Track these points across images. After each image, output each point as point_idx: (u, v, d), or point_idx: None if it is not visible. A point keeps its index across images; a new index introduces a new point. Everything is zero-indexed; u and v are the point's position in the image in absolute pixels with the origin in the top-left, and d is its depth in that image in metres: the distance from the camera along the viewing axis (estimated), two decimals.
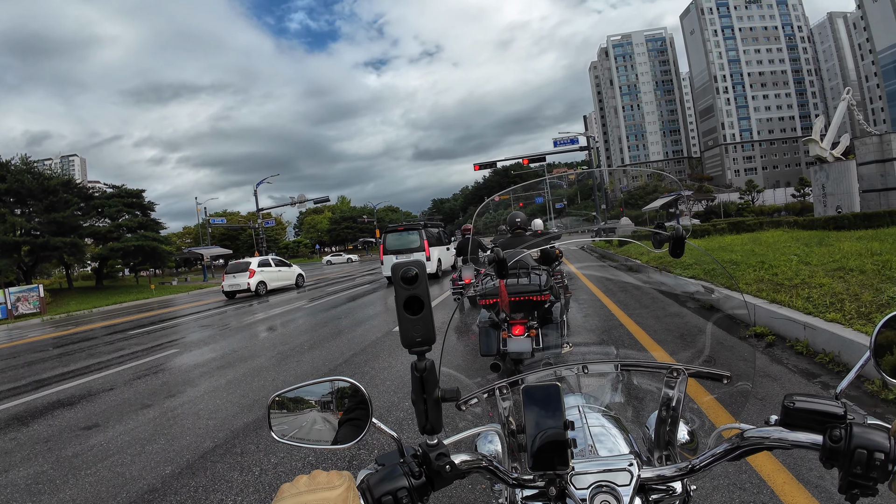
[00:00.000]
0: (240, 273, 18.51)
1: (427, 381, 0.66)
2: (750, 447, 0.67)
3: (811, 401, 0.63)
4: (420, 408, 0.67)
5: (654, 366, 0.98)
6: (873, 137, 21.97)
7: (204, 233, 50.59)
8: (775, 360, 4.24)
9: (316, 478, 0.59)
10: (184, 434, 3.93)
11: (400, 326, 0.66)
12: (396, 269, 0.66)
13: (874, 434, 0.59)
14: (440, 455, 0.66)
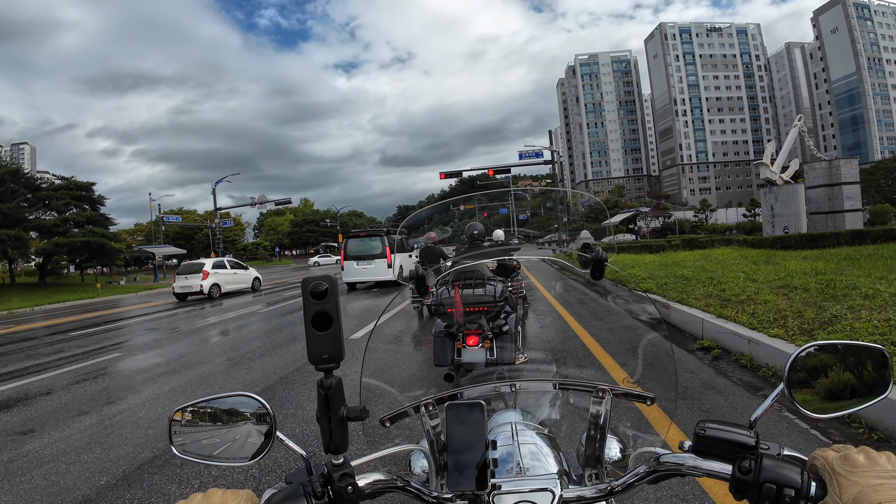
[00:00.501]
0: (192, 274, 17.78)
1: (332, 398, 0.65)
2: (665, 472, 0.67)
3: (723, 429, 0.62)
4: (324, 426, 0.65)
5: (580, 385, 0.98)
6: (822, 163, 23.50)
7: (157, 231, 48.46)
8: (720, 373, 4.37)
9: (211, 497, 0.57)
10: (121, 443, 3.78)
11: (307, 342, 0.64)
12: (306, 284, 0.64)
13: (786, 468, 0.57)
14: (343, 475, 0.64)
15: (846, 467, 0.54)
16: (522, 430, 0.98)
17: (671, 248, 20.52)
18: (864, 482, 0.51)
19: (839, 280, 6.55)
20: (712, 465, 0.62)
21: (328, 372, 0.65)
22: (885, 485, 0.50)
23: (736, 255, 13.20)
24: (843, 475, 0.53)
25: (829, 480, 0.54)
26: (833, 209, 22.29)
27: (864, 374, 0.65)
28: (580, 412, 0.98)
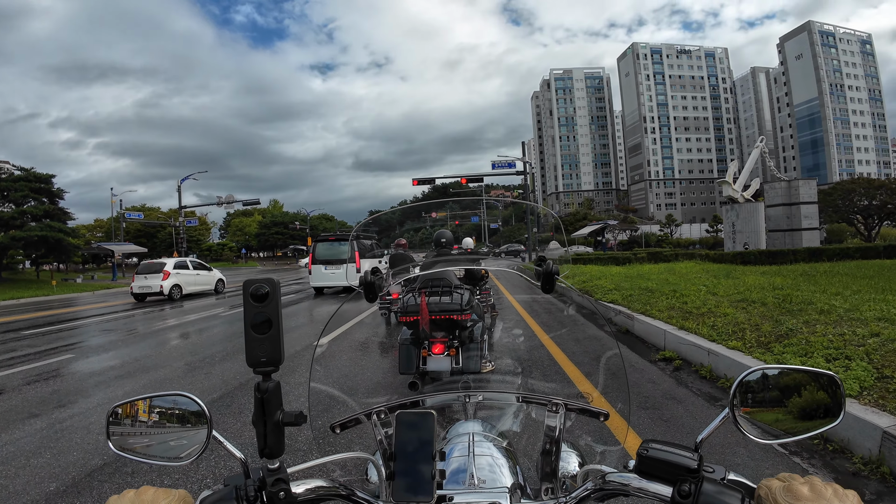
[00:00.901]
0: (152, 274, 17.10)
1: (269, 402, 0.64)
2: (610, 491, 0.67)
3: (665, 450, 0.61)
4: (260, 430, 0.64)
5: (536, 399, 0.98)
6: (782, 183, 24.64)
7: (117, 227, 46.42)
8: (681, 384, 4.47)
9: (143, 494, 0.57)
10: (72, 449, 3.62)
11: (246, 344, 0.64)
12: (247, 286, 0.64)
13: (726, 495, 0.56)
14: (277, 480, 0.63)
15: (789, 499, 0.52)
16: (480, 441, 0.97)
17: (637, 261, 21.03)
18: None
19: (796, 295, 6.80)
20: (655, 486, 0.61)
21: (266, 375, 0.65)
22: None
23: (698, 269, 13.61)
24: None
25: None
26: (791, 227, 23.35)
27: (816, 399, 0.64)
28: (540, 425, 0.97)
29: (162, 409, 0.70)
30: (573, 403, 0.90)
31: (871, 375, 3.33)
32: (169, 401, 0.70)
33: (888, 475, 2.51)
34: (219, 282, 19.93)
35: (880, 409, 2.89)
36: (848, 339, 4.27)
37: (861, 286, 7.84)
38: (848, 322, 4.93)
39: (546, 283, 1.14)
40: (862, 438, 2.78)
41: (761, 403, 0.64)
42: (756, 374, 0.65)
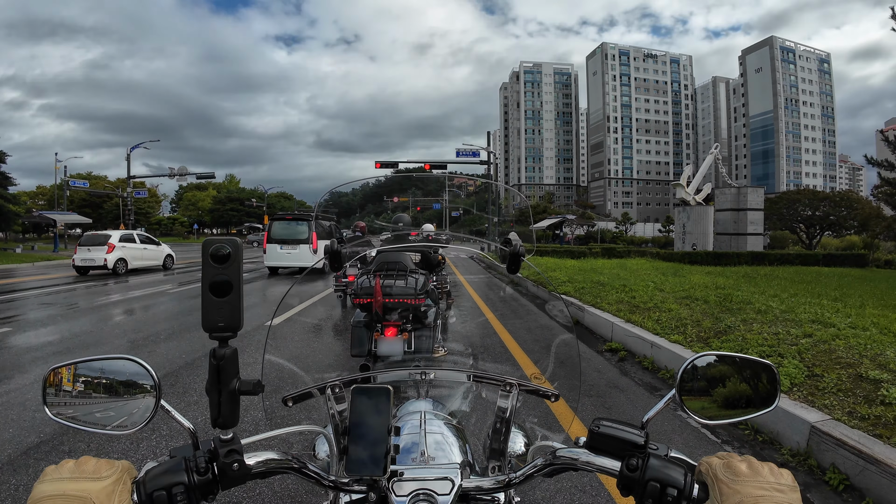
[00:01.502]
0: (96, 247, 16.14)
1: (224, 370, 0.61)
2: (561, 465, 0.69)
3: (615, 427, 0.65)
4: (214, 399, 0.61)
5: (489, 378, 0.99)
6: (732, 189, 25.83)
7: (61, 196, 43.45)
8: (624, 374, 4.67)
9: (83, 465, 0.55)
10: (7, 426, 3.46)
11: (203, 308, 0.60)
12: (207, 246, 0.61)
13: (671, 469, 0.60)
14: (230, 452, 0.61)
15: (729, 475, 0.55)
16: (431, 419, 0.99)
17: (591, 256, 21.70)
18: (745, 492, 0.52)
19: (736, 295, 7.21)
20: (604, 461, 0.64)
21: (223, 341, 0.62)
22: (765, 497, 0.51)
23: (649, 267, 14.17)
24: (725, 483, 0.54)
25: (711, 486, 0.56)
26: (738, 231, 24.58)
27: (754, 387, 0.68)
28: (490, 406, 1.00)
29: (106, 373, 0.66)
30: (526, 384, 0.93)
31: (802, 373, 3.55)
32: (114, 365, 0.66)
33: (815, 468, 2.68)
34: (167, 257, 19.09)
35: (809, 404, 3.07)
36: (782, 338, 4.53)
37: (798, 290, 8.39)
38: (783, 322, 5.24)
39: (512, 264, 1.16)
40: (791, 432, 2.96)
41: (704, 388, 0.68)
42: (701, 360, 0.69)
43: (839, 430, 2.68)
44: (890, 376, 3.30)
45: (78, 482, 0.53)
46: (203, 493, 0.59)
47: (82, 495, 0.52)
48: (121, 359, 0.65)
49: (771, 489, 0.52)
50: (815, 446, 2.75)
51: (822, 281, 10.69)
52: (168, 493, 0.56)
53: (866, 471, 2.38)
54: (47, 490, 0.52)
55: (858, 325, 4.88)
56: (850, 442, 2.53)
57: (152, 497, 0.56)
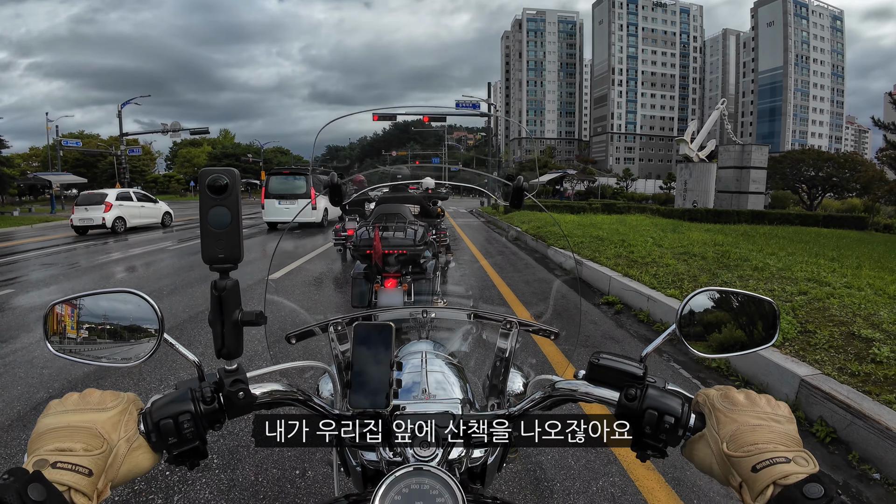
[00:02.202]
0: (93, 206, 16.01)
1: (227, 301, 0.61)
2: (559, 397, 0.70)
3: (615, 360, 0.65)
4: (217, 330, 0.61)
5: (490, 317, 1.00)
6: (736, 146, 25.44)
7: (54, 156, 42.74)
8: (620, 326, 4.77)
9: (87, 396, 0.55)
10: (15, 383, 3.52)
11: (202, 240, 0.59)
12: (204, 176, 0.59)
13: (668, 398, 0.60)
14: (235, 381, 0.61)
15: (726, 404, 0.56)
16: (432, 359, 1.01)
17: (591, 211, 21.63)
18: (742, 420, 0.53)
19: (734, 252, 7.24)
20: (602, 391, 0.65)
21: (223, 273, 0.61)
22: (762, 426, 0.52)
23: (648, 223, 14.16)
24: (722, 412, 0.55)
25: (708, 415, 0.57)
26: (739, 190, 24.39)
27: (754, 323, 0.69)
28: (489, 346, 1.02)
29: (107, 307, 0.65)
30: (526, 322, 0.93)
31: (794, 329, 3.61)
32: (115, 298, 0.65)
33: (803, 420, 2.76)
34: (165, 215, 19.01)
35: (800, 359, 3.14)
36: (777, 295, 4.59)
37: (796, 249, 8.42)
38: (779, 280, 5.29)
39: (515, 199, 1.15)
40: (780, 384, 3.04)
41: (705, 323, 0.69)
42: (703, 295, 0.69)
43: (828, 384, 2.74)
44: (882, 335, 3.34)
45: (83, 413, 0.53)
46: (210, 422, 0.60)
47: (87, 426, 0.51)
48: (122, 292, 0.64)
49: (768, 419, 0.53)
50: (804, 399, 2.82)
51: (820, 241, 10.71)
52: (175, 422, 0.57)
53: (853, 425, 2.43)
54: (51, 423, 0.51)
55: (854, 286, 4.92)
56: (838, 396, 2.58)
57: (159, 426, 0.56)
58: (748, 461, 0.50)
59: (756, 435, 0.51)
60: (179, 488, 2.21)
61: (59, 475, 0.46)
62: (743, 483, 0.50)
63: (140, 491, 2.18)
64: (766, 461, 0.49)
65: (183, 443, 0.57)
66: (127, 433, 0.54)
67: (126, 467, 0.53)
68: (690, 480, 2.24)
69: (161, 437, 0.56)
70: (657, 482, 2.24)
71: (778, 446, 0.50)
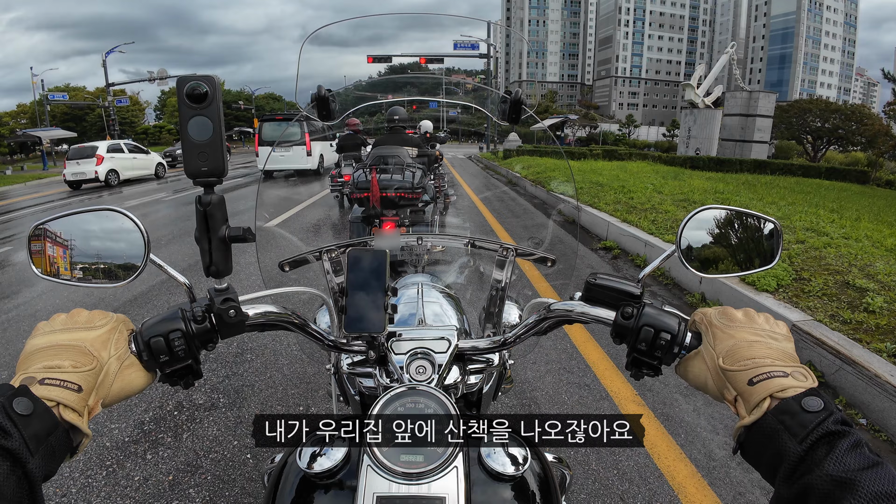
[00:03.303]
0: (85, 159, 15.65)
1: (212, 216, 0.58)
2: (555, 318, 0.68)
3: (611, 278, 0.63)
4: (204, 247, 0.59)
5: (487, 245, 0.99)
6: (743, 93, 24.67)
7: (42, 112, 41.45)
8: (617, 270, 4.82)
9: (75, 316, 0.53)
10: (19, 337, 3.56)
11: (183, 152, 0.56)
12: (182, 83, 0.55)
13: (664, 316, 0.59)
14: (226, 300, 0.60)
15: (723, 321, 0.54)
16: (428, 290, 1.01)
17: (592, 157, 21.30)
18: (739, 336, 0.52)
19: (734, 200, 7.21)
20: (598, 311, 0.64)
21: (208, 187, 0.58)
22: (759, 342, 0.51)
23: (649, 170, 13.98)
24: (719, 328, 0.54)
25: (705, 332, 0.55)
26: (744, 138, 23.86)
27: (757, 243, 0.66)
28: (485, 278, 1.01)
29: (91, 227, 0.63)
30: (523, 250, 0.92)
31: (789, 276, 3.63)
32: (99, 217, 0.63)
33: None
34: (159, 166, 18.72)
35: (793, 305, 3.18)
36: None
37: (796, 199, 8.36)
38: None
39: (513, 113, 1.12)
40: None
41: (706, 242, 0.66)
42: (706, 213, 0.66)
43: (819, 330, 2.77)
44: (876, 286, 3.36)
45: (71, 332, 0.51)
46: (202, 342, 0.59)
47: (76, 344, 0.50)
48: (105, 209, 0.62)
49: (766, 336, 0.52)
50: (795, 344, 2.88)
51: (821, 193, 10.64)
52: (166, 340, 0.56)
53: (842, 370, 2.48)
54: (39, 343, 0.50)
55: (851, 237, 4.89)
56: (829, 342, 2.62)
57: (150, 345, 0.56)
58: (744, 375, 0.49)
59: (753, 350, 0.51)
60: (188, 426, 2.30)
61: (47, 391, 0.45)
62: (738, 397, 0.49)
63: (150, 431, 2.27)
64: (762, 374, 0.48)
65: (175, 361, 0.57)
66: (117, 351, 0.53)
67: (118, 385, 0.52)
68: (678, 416, 2.33)
69: (152, 355, 0.56)
70: (647, 417, 2.33)
71: (775, 361, 0.49)
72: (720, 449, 2.09)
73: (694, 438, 2.17)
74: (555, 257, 0.94)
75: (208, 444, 2.18)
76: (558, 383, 2.61)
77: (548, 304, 0.70)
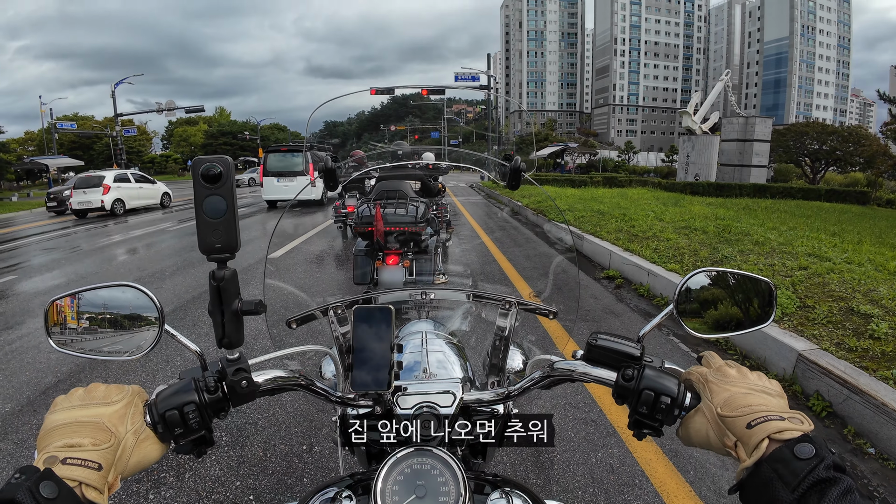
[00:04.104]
0: (91, 188, 15.91)
1: (226, 291, 0.61)
2: (558, 377, 0.71)
3: (612, 340, 0.66)
4: (217, 319, 0.61)
5: (488, 297, 1.00)
6: (740, 119, 25.06)
7: (50, 139, 42.33)
8: (620, 300, 4.79)
9: (93, 391, 0.55)
10: (23, 369, 3.56)
11: (198, 230, 0.58)
12: (198, 165, 0.58)
13: (664, 378, 0.61)
14: (238, 370, 0.62)
15: (719, 377, 0.58)
16: (432, 338, 1.02)
17: (592, 185, 21.50)
18: (734, 390, 0.55)
19: (735, 226, 7.22)
20: (600, 372, 0.66)
21: (221, 263, 0.61)
22: (753, 394, 0.54)
23: (649, 196, 14.08)
24: (715, 383, 0.57)
25: (702, 389, 0.59)
26: (742, 163, 24.10)
27: (751, 303, 0.69)
28: (489, 325, 1.02)
29: (107, 301, 0.65)
30: (525, 302, 0.94)
31: (794, 304, 3.62)
32: (114, 292, 0.65)
33: (799, 393, 2.80)
34: (164, 195, 18.94)
35: (798, 334, 3.15)
36: (777, 270, 4.59)
37: (797, 224, 8.40)
38: (780, 254, 5.28)
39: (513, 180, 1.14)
40: (778, 359, 3.05)
41: (702, 303, 0.69)
42: (700, 276, 0.70)
43: (826, 359, 2.75)
44: (881, 311, 3.34)
45: (89, 408, 0.53)
46: (214, 411, 0.61)
47: (94, 420, 0.52)
48: (121, 286, 0.64)
49: (759, 390, 0.55)
50: (801, 373, 2.84)
51: (822, 216, 10.69)
52: (180, 412, 0.57)
53: (850, 400, 2.46)
54: (59, 419, 0.52)
55: (854, 261, 4.90)
56: (835, 371, 2.60)
57: (164, 417, 0.57)
58: (742, 420, 0.51)
59: (749, 399, 0.54)
60: (190, 466, 2.27)
61: (70, 471, 0.47)
62: (738, 442, 0.51)
63: (152, 469, 2.24)
64: (760, 418, 0.50)
65: (189, 432, 0.58)
66: (134, 426, 0.55)
67: (135, 459, 0.54)
68: (687, 452, 2.29)
69: (167, 427, 0.57)
70: (654, 453, 2.29)
71: (771, 408, 0.52)
72: (729, 485, 2.05)
73: (703, 475, 2.14)
74: (556, 310, 0.96)
75: (210, 484, 2.15)
76: (564, 419, 2.58)
77: (551, 362, 0.72)
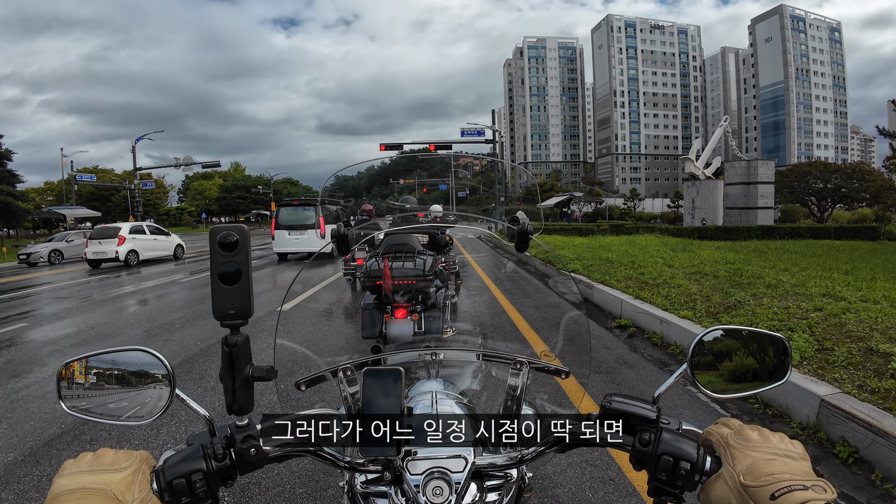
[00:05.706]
0: (107, 239, 16.35)
1: (238, 357, 0.61)
2: (573, 443, 0.69)
3: (627, 403, 0.65)
4: (228, 385, 0.62)
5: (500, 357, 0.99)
6: (742, 162, 25.40)
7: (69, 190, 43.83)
8: (633, 350, 4.69)
9: (101, 457, 0.55)
10: (28, 419, 3.53)
11: (213, 296, 0.60)
12: (214, 233, 0.60)
13: (683, 443, 0.60)
14: (247, 437, 0.61)
15: (740, 442, 0.56)
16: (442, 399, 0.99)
17: (600, 233, 21.60)
18: (757, 455, 0.54)
19: (746, 269, 7.15)
20: (616, 436, 0.64)
21: (234, 329, 0.62)
22: (776, 460, 0.53)
23: (657, 242, 14.08)
24: (737, 448, 0.56)
25: (723, 454, 0.57)
26: (748, 205, 24.20)
27: (765, 360, 0.68)
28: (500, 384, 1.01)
29: (118, 365, 0.65)
30: (535, 362, 0.93)
31: (812, 347, 3.54)
32: (126, 356, 0.66)
33: (825, 440, 2.68)
34: (178, 247, 19.30)
35: (819, 378, 3.06)
36: (792, 313, 4.50)
37: (809, 264, 8.30)
38: (793, 296, 5.20)
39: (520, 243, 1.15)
40: (800, 405, 2.95)
41: (715, 362, 0.68)
42: (713, 334, 0.69)
43: (849, 403, 2.66)
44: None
45: (97, 474, 0.53)
46: (222, 479, 0.60)
47: (102, 487, 0.52)
48: (132, 350, 0.65)
49: (781, 454, 0.54)
50: (825, 419, 2.74)
51: (833, 254, 10.58)
52: (187, 481, 0.57)
53: (876, 444, 2.37)
54: (67, 484, 0.52)
55: (869, 299, 4.83)
56: (859, 415, 2.51)
57: (172, 485, 0.56)
58: (766, 490, 0.50)
59: (773, 466, 0.52)
60: None
61: None
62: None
63: None
64: (784, 488, 0.49)
65: (195, 501, 0.57)
66: (141, 493, 0.54)
67: None
68: None
69: (174, 496, 0.56)
70: None
71: (794, 476, 0.51)
72: None
73: None
74: (567, 369, 0.95)
75: None
76: (581, 478, 2.46)
77: (567, 425, 0.70)
